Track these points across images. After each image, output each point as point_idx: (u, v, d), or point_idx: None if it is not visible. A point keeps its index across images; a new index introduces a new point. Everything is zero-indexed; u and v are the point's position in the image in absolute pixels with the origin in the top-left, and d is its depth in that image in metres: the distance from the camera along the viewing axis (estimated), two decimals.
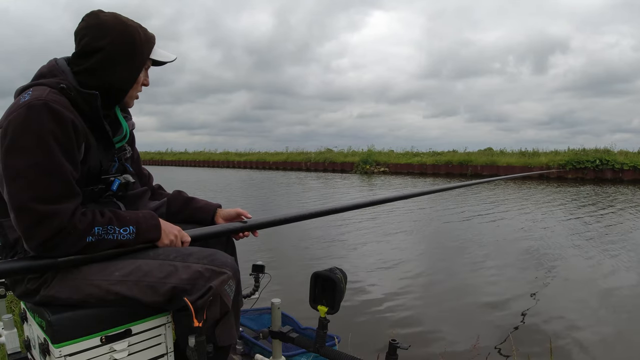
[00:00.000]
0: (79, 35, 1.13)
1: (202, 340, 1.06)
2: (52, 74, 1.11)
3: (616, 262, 4.32)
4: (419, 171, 18.45)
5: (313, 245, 5.18)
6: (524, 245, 5.11)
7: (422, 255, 4.96)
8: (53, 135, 0.99)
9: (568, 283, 3.77)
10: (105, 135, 1.17)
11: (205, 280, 1.08)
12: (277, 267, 4.08)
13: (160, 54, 1.23)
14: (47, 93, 1.03)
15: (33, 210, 0.96)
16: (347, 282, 1.28)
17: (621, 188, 11.73)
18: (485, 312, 3.09)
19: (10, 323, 1.37)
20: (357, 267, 4.25)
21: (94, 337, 1.05)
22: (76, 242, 1.01)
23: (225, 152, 31.94)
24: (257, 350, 1.79)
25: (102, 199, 1.18)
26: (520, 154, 18.13)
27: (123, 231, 1.08)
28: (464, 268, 4.27)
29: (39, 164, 0.98)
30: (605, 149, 15.72)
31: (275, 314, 1.51)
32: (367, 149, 22.65)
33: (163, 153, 36.62)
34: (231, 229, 1.39)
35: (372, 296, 3.42)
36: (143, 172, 1.44)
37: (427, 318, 3.02)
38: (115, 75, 1.14)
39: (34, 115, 0.99)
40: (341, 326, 2.48)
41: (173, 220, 1.30)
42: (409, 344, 1.23)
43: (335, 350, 1.33)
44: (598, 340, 2.67)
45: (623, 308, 3.17)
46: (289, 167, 23.62)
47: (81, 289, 1.07)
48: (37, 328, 1.10)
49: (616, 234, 5.68)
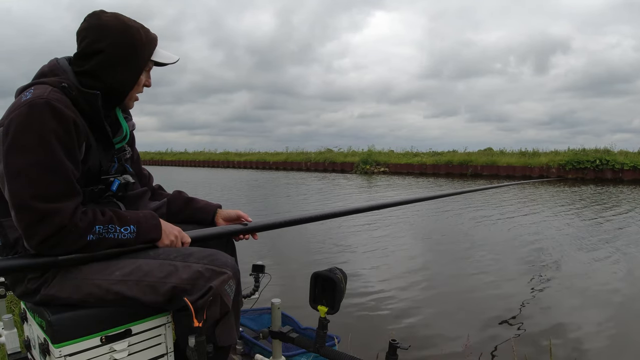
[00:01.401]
0: (80, 36, 1.14)
1: (202, 340, 1.06)
2: (53, 73, 1.11)
3: (619, 263, 4.32)
4: (419, 171, 18.44)
5: (313, 245, 5.18)
6: (525, 246, 5.11)
7: (423, 255, 4.96)
8: (55, 134, 0.99)
9: (569, 284, 3.76)
10: (105, 136, 1.17)
11: (206, 280, 1.09)
12: (277, 267, 4.09)
13: (162, 55, 1.23)
14: (49, 92, 1.03)
15: (34, 208, 0.96)
16: (347, 282, 1.28)
17: (621, 188, 11.73)
18: (485, 313, 3.09)
19: (10, 323, 1.37)
20: (357, 267, 4.25)
21: (94, 337, 1.05)
22: (77, 240, 1.02)
23: (225, 152, 31.92)
24: (257, 350, 1.79)
25: (102, 200, 1.18)
26: (520, 154, 18.12)
27: (124, 230, 1.08)
28: (464, 268, 4.27)
29: (41, 162, 0.98)
30: (605, 149, 15.73)
31: (275, 314, 1.51)
32: (367, 149, 22.67)
33: (163, 153, 36.60)
34: (231, 231, 1.40)
35: (372, 296, 3.42)
36: (143, 172, 1.44)
37: (428, 318, 3.02)
38: (116, 76, 1.14)
39: (36, 113, 0.99)
40: (341, 326, 2.48)
41: (173, 220, 1.31)
42: (409, 344, 1.23)
43: (335, 350, 1.33)
44: (598, 341, 2.67)
45: (624, 309, 3.16)
46: (289, 167, 23.61)
47: (81, 289, 1.07)
48: (37, 328, 1.10)
49: (618, 234, 5.67)
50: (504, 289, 3.59)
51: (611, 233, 5.75)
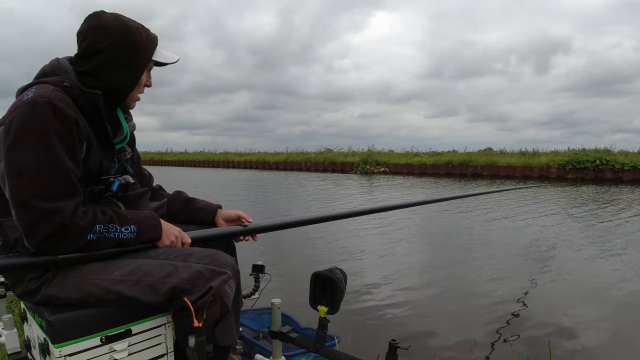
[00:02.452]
0: (80, 37, 1.14)
1: (202, 341, 1.06)
2: (54, 73, 1.11)
3: (622, 264, 4.31)
4: (419, 171, 18.43)
5: (313, 245, 5.18)
6: (526, 247, 5.11)
7: (423, 255, 4.95)
8: (56, 133, 1.00)
9: (570, 285, 3.76)
10: (105, 136, 1.17)
11: (206, 280, 1.09)
12: (277, 267, 4.09)
13: (163, 55, 1.23)
14: (51, 91, 1.03)
15: (35, 207, 0.96)
16: (347, 282, 1.28)
17: (622, 188, 11.73)
18: (485, 313, 3.09)
19: (10, 323, 1.37)
20: (357, 267, 4.25)
21: (94, 337, 1.05)
22: (77, 239, 1.02)
23: (225, 152, 31.89)
24: (257, 350, 1.79)
25: (102, 200, 1.18)
26: (520, 154, 18.12)
27: (124, 230, 1.08)
28: (465, 269, 4.27)
29: (42, 161, 0.98)
30: (605, 149, 15.72)
31: (275, 314, 1.51)
32: (367, 149, 22.66)
33: (163, 153, 36.57)
34: (232, 232, 1.40)
35: (372, 296, 3.42)
36: (143, 172, 1.44)
37: (428, 318, 3.02)
38: (117, 77, 1.14)
39: (38, 112, 0.99)
40: (341, 326, 2.48)
41: (173, 220, 1.31)
42: (409, 344, 1.23)
43: (335, 350, 1.33)
44: (599, 341, 2.66)
45: (626, 310, 3.16)
46: (289, 167, 23.60)
47: (81, 289, 1.07)
48: (37, 328, 1.11)
49: (621, 235, 5.67)
50: (505, 290, 3.58)
51: (613, 234, 5.75)
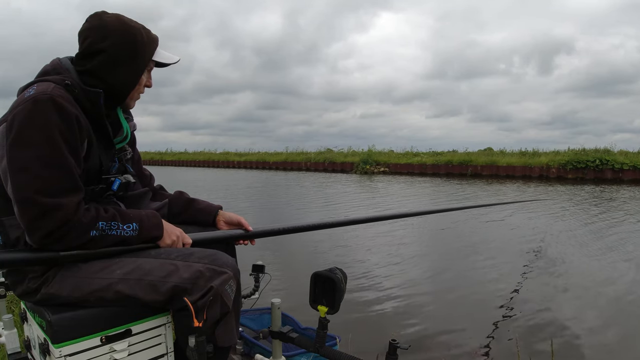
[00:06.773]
0: (82, 37, 1.14)
1: (202, 341, 1.06)
2: (56, 72, 1.12)
3: (625, 265, 4.31)
4: (419, 171, 18.43)
5: (313, 245, 5.18)
6: (528, 247, 5.10)
7: (424, 255, 4.95)
8: (58, 129, 1.00)
9: (572, 285, 3.76)
10: (106, 135, 1.17)
11: (206, 280, 1.09)
12: (277, 267, 4.09)
13: (163, 55, 1.23)
14: (53, 88, 1.04)
15: (37, 203, 0.96)
16: (347, 282, 1.28)
17: (622, 188, 11.72)
18: (485, 313, 3.09)
19: (10, 323, 1.37)
20: (358, 267, 4.25)
21: (94, 337, 1.05)
22: (80, 236, 1.02)
23: (225, 152, 31.90)
24: (257, 350, 1.79)
25: (103, 199, 1.18)
26: (521, 153, 18.12)
27: (126, 227, 1.09)
28: (466, 269, 4.27)
29: (44, 157, 0.98)
30: (605, 148, 15.73)
31: (275, 314, 1.51)
32: (367, 149, 22.66)
33: (163, 153, 36.57)
34: (232, 236, 1.41)
35: (373, 296, 3.42)
36: (144, 172, 1.44)
37: (428, 318, 3.02)
38: (117, 77, 1.14)
39: (40, 108, 0.99)
40: (341, 326, 2.48)
41: (174, 221, 1.31)
42: (409, 344, 1.23)
43: (335, 350, 1.33)
44: (599, 342, 2.67)
45: (629, 311, 3.16)
46: (288, 167, 23.60)
47: (82, 287, 1.07)
48: (37, 328, 1.10)
49: (622, 235, 5.67)
50: (506, 289, 3.58)
51: (615, 234, 5.74)
